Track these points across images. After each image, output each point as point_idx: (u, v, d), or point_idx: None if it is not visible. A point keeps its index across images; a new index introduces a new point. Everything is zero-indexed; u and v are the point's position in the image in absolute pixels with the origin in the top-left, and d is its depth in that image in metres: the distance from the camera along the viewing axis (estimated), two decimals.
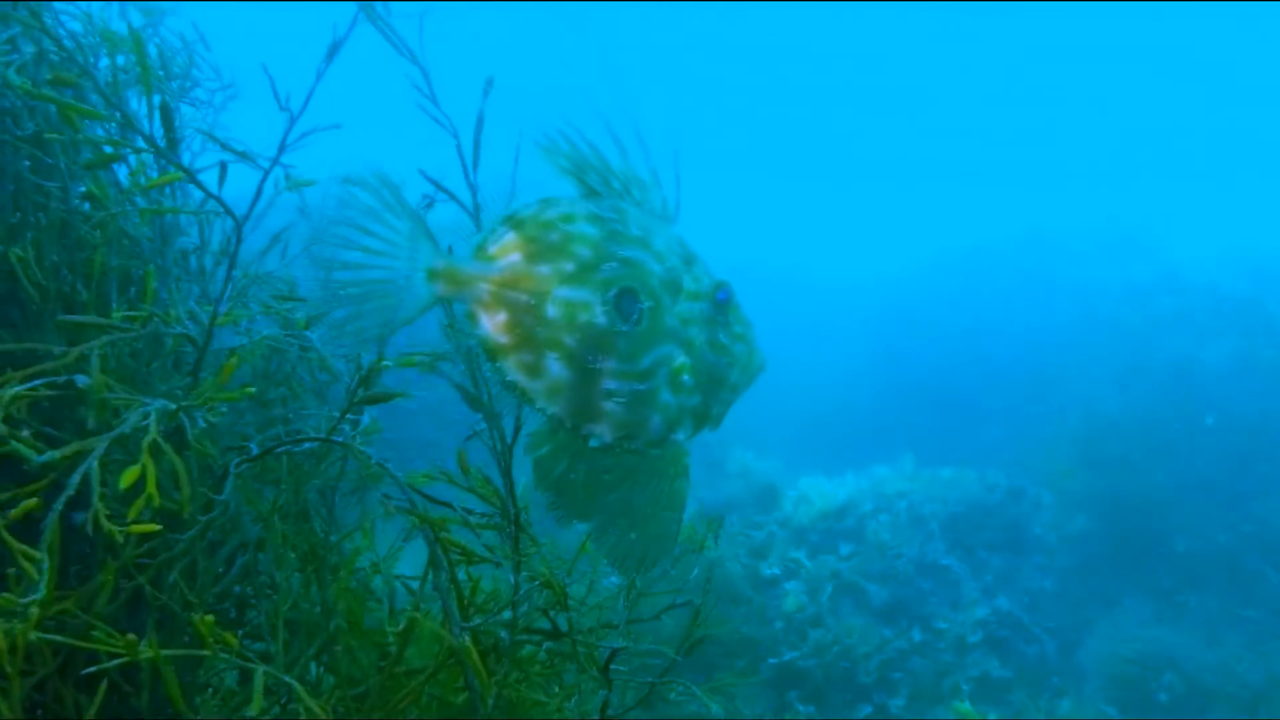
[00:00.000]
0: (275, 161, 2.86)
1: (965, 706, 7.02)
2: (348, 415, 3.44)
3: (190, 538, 2.40)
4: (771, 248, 24.40)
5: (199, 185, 2.71)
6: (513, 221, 2.34)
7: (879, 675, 7.02)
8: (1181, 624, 8.08)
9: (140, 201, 3.25)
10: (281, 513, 3.21)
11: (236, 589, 3.05)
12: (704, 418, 2.45)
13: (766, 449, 14.57)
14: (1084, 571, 8.56)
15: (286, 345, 3.51)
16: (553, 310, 2.27)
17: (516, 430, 2.36)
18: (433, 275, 2.30)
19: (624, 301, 2.30)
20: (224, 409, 3.23)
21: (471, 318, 2.34)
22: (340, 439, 3.03)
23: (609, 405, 2.33)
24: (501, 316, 2.30)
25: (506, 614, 3.10)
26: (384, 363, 2.99)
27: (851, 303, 19.94)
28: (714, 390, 2.43)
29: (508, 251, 2.32)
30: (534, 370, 2.30)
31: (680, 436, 2.44)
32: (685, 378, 2.38)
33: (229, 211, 2.80)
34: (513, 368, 2.31)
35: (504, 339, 2.30)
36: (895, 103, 46.31)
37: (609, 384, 2.30)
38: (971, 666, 7.29)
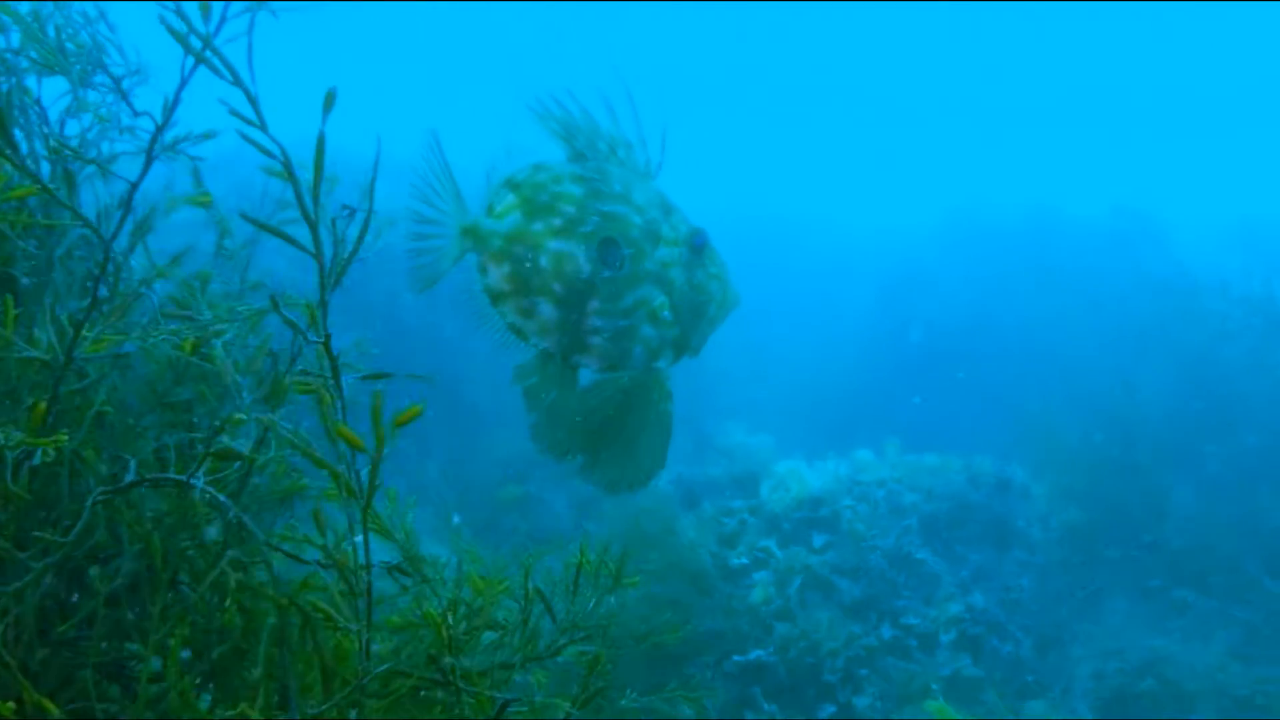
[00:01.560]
0: (145, 170, 2.73)
1: (940, 704, 6.96)
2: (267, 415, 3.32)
3: (16, 589, 2.27)
4: (779, 207, 24.08)
5: (43, 186, 2.56)
6: (511, 184, 2.73)
7: (845, 672, 6.92)
8: (1165, 625, 7.97)
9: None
10: (168, 533, 3.09)
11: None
12: (684, 347, 2.82)
13: (760, 423, 14.49)
14: (1068, 568, 8.43)
15: (183, 355, 3.36)
16: (544, 261, 2.65)
17: (370, 489, 2.21)
18: (464, 232, 2.70)
19: (607, 250, 2.66)
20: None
21: (481, 269, 2.72)
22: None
23: (594, 340, 2.71)
24: (506, 268, 2.68)
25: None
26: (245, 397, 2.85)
27: (857, 271, 19.69)
28: (693, 323, 2.81)
29: (510, 211, 2.70)
30: (528, 313, 2.69)
31: (662, 364, 2.82)
32: (665, 313, 2.73)
33: (89, 225, 2.66)
34: (511, 311, 2.71)
35: (506, 287, 2.69)
36: (905, 66, 45.68)
37: (594, 321, 2.69)
38: (943, 665, 7.19)
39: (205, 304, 3.54)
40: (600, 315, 2.69)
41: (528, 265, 2.66)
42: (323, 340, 2.18)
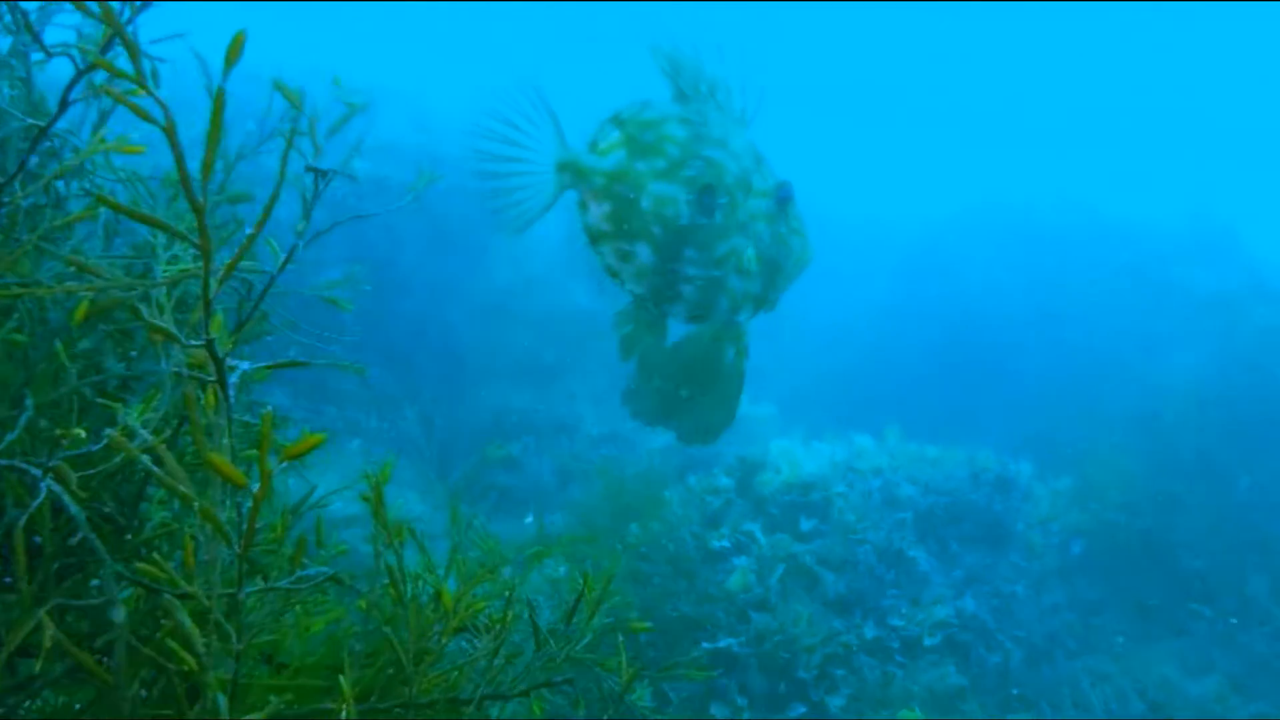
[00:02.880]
0: (62, 110, 2.40)
1: (915, 714, 6.65)
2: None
3: None
4: (810, 184, 23.46)
5: None
6: (617, 121, 2.70)
7: (820, 670, 6.61)
8: (1165, 647, 7.64)
9: None
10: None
11: None
12: (762, 302, 2.82)
13: (765, 394, 14.14)
14: (1067, 577, 8.08)
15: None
16: (646, 202, 2.61)
17: (249, 532, 1.85)
18: (561, 168, 2.66)
19: (704, 197, 2.64)
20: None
21: (582, 206, 2.70)
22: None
23: (685, 288, 2.69)
24: (606, 207, 2.65)
25: None
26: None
27: (878, 255, 19.14)
28: (772, 278, 2.78)
29: (614, 148, 2.66)
30: (626, 256, 2.66)
31: (741, 318, 2.81)
32: (751, 266, 2.70)
33: None
34: (609, 253, 2.68)
35: (606, 227, 2.66)
36: (928, 59, 44.72)
37: (688, 270, 2.67)
38: (924, 670, 6.87)
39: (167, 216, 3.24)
40: (694, 264, 2.67)
41: (629, 206, 2.63)
42: (204, 342, 1.79)
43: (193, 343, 1.79)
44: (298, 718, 2.21)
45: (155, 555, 1.94)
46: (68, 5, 3.13)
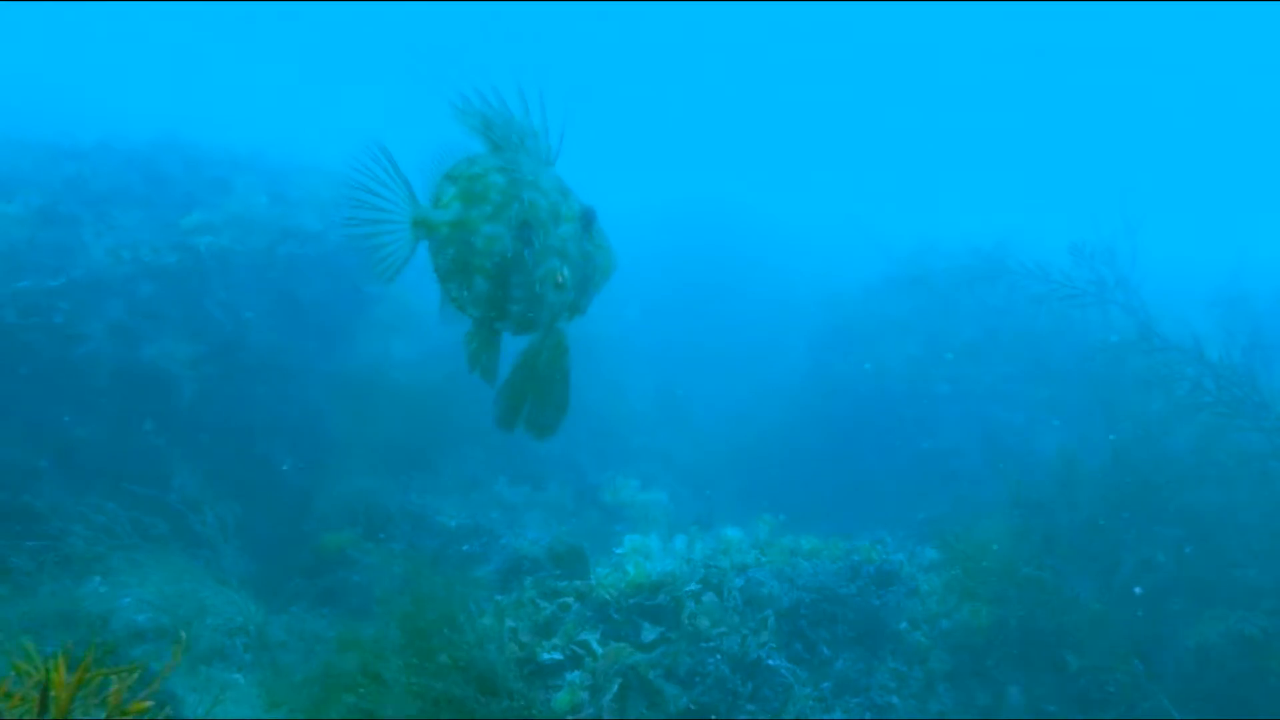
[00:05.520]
0: None
1: None
2: None
3: None
4: (714, 256, 23.08)
5: None
6: (451, 178, 3.21)
7: None
8: None
9: None
10: None
11: None
12: (576, 309, 3.35)
13: (660, 477, 13.45)
14: (958, 681, 7.37)
15: None
16: (479, 243, 3.16)
17: None
18: (416, 223, 3.18)
19: (524, 230, 3.16)
20: None
21: (433, 253, 3.21)
22: None
23: (514, 308, 3.21)
24: (451, 251, 3.18)
25: None
26: None
27: (796, 324, 18.62)
28: (583, 288, 3.32)
29: (452, 201, 3.18)
30: (468, 286, 3.20)
31: (560, 325, 3.32)
32: (565, 282, 3.22)
33: None
34: (455, 287, 3.21)
35: (452, 267, 3.20)
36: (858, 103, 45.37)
37: (514, 292, 3.18)
38: None
39: None
40: (519, 286, 3.16)
41: (467, 247, 3.14)
42: None
43: None
44: None
45: None
46: None
